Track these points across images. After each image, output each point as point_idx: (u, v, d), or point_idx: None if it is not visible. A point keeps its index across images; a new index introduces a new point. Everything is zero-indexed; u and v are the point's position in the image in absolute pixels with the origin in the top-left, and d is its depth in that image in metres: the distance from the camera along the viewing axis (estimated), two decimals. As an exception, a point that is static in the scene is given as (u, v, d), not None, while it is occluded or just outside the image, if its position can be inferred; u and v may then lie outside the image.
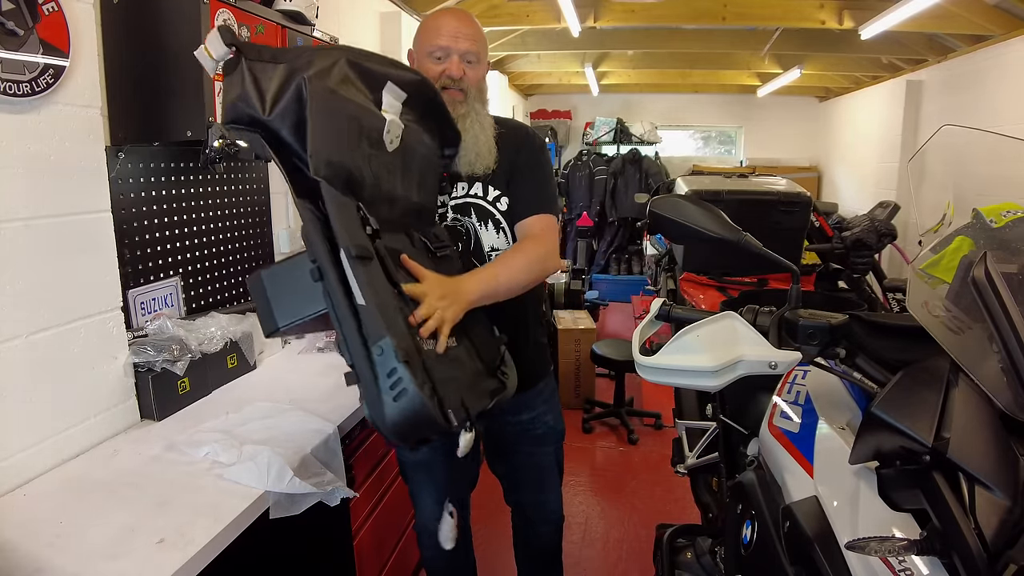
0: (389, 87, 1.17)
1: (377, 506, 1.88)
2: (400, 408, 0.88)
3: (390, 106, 1.16)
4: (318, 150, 0.98)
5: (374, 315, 0.90)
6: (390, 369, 0.88)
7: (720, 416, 1.62)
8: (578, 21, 4.05)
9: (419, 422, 0.90)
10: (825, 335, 0.97)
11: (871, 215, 3.43)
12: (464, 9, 1.63)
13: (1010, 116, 3.91)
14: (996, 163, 1.16)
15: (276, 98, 0.99)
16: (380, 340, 0.89)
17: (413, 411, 0.88)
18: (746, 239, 1.02)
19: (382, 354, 0.89)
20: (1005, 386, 0.77)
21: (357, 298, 0.91)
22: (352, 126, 1.06)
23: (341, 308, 0.91)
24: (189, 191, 1.88)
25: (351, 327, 0.91)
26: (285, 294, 1.01)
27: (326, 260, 0.93)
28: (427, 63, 1.43)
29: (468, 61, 1.42)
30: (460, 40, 1.41)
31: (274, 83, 1.00)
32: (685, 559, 1.60)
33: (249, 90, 0.99)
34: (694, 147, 8.30)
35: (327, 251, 0.93)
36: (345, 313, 0.91)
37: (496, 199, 1.47)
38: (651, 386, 3.34)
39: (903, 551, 0.70)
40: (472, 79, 1.43)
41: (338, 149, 1.02)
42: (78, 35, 1.37)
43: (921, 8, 3.31)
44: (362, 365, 0.91)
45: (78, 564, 1.04)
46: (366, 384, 0.91)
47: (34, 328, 1.33)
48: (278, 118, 0.99)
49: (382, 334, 0.89)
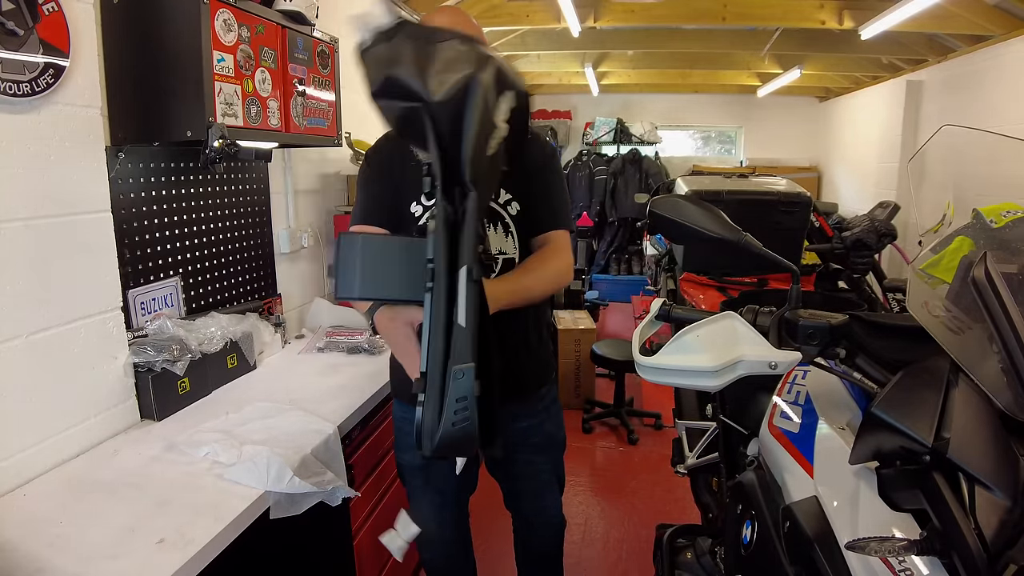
0: (510, 94, 1.08)
1: (377, 506, 1.88)
2: (454, 434, 0.89)
3: (504, 113, 1.08)
4: (472, 157, 0.94)
5: (468, 340, 0.89)
6: (461, 395, 0.89)
7: (720, 416, 1.62)
8: (578, 21, 4.05)
9: (461, 446, 0.92)
10: (825, 335, 0.97)
11: (871, 215, 3.43)
12: (458, 7, 1.62)
13: (1010, 116, 3.91)
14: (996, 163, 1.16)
15: (443, 83, 0.93)
16: (464, 364, 0.89)
17: (464, 440, 0.90)
18: (746, 239, 1.02)
19: (461, 378, 0.89)
20: (1005, 386, 0.77)
21: (459, 317, 0.90)
22: (485, 131, 1.00)
23: (438, 319, 0.91)
24: (189, 191, 1.88)
25: (439, 339, 0.91)
26: (377, 268, 1.00)
27: (443, 267, 0.92)
28: None
29: None
30: None
31: (441, 66, 0.94)
32: (685, 559, 1.59)
33: (409, 64, 0.93)
34: (694, 147, 8.30)
35: (446, 259, 0.92)
36: (439, 325, 0.91)
37: (507, 202, 1.46)
38: (651, 386, 3.35)
39: (903, 551, 0.70)
40: None
41: (478, 155, 0.96)
42: (78, 35, 1.37)
43: (921, 8, 3.31)
44: (435, 378, 0.91)
45: (78, 564, 1.04)
46: (432, 397, 0.91)
47: (34, 328, 1.33)
48: (440, 105, 0.93)
49: (468, 360, 0.89)
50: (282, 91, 1.85)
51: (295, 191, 2.43)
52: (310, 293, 2.58)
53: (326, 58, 2.07)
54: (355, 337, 2.20)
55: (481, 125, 0.96)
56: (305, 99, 1.96)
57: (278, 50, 1.83)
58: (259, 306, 2.17)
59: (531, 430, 1.57)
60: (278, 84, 1.83)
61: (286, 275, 2.39)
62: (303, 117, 1.96)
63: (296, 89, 1.90)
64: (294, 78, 1.89)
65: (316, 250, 2.60)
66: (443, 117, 0.94)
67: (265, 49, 1.76)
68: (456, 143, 0.94)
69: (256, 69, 1.72)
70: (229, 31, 1.61)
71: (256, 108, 1.73)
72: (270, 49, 1.79)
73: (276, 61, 1.82)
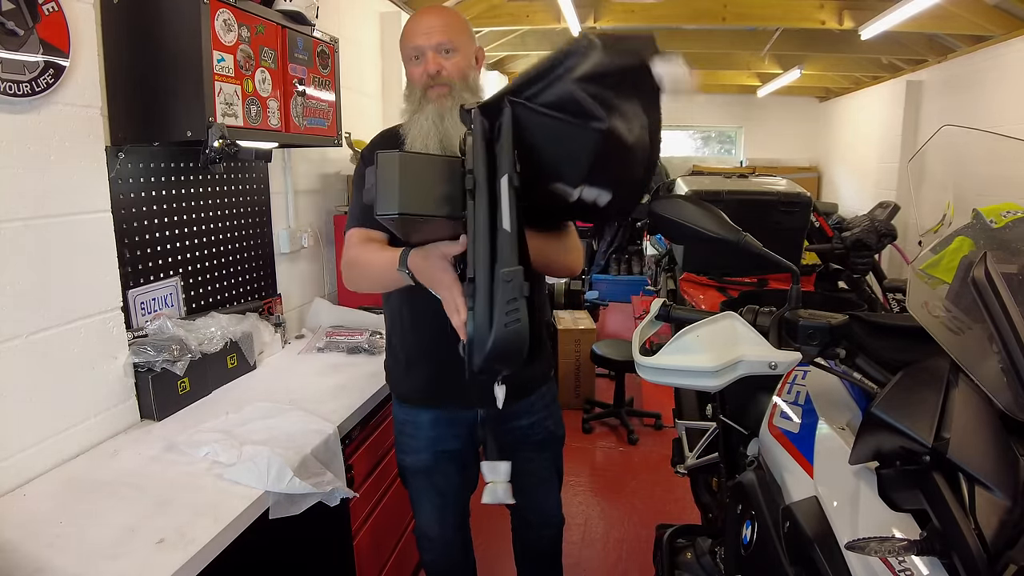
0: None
1: (377, 507, 1.88)
2: (506, 335, 0.91)
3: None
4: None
5: (512, 243, 0.93)
6: (511, 297, 0.91)
7: (720, 416, 1.62)
8: (578, 21, 4.05)
9: (512, 353, 0.94)
10: (825, 335, 0.97)
11: (871, 215, 3.43)
12: (439, 6, 1.61)
13: (1010, 116, 3.91)
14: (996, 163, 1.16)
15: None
16: (512, 267, 0.92)
17: (516, 341, 0.92)
18: (746, 239, 1.02)
19: (510, 281, 0.91)
20: (1005, 386, 0.77)
21: (503, 222, 0.93)
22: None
23: (481, 226, 0.94)
24: (189, 191, 1.88)
25: (484, 247, 0.94)
26: (417, 184, 1.02)
27: (483, 177, 0.95)
28: (410, 68, 1.41)
29: (445, 51, 1.38)
30: (432, 35, 1.37)
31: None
32: (685, 559, 1.60)
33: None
34: (694, 147, 8.30)
35: (486, 169, 0.95)
36: (484, 231, 0.94)
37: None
38: (651, 386, 3.34)
39: (903, 551, 0.70)
40: (452, 69, 1.38)
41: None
42: (78, 35, 1.37)
43: (921, 8, 3.31)
44: (483, 283, 0.93)
45: (78, 564, 1.04)
46: (480, 303, 0.93)
47: (34, 328, 1.33)
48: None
49: (515, 263, 0.92)
50: (282, 91, 1.85)
51: (295, 191, 2.43)
52: (310, 293, 2.58)
53: (326, 58, 2.07)
54: (355, 337, 2.20)
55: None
56: (305, 99, 1.96)
57: (278, 50, 1.83)
58: (259, 306, 2.17)
59: (532, 428, 1.57)
60: (278, 84, 1.83)
61: (286, 275, 2.39)
62: (303, 117, 1.96)
63: (296, 89, 1.90)
64: (294, 78, 1.89)
65: (316, 250, 2.60)
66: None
67: (265, 49, 1.76)
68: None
69: (256, 69, 1.72)
70: (229, 31, 1.61)
71: (256, 108, 1.73)
72: (270, 49, 1.79)
73: (276, 61, 1.82)
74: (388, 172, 1.03)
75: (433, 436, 1.53)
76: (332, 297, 2.68)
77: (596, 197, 1.12)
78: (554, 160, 1.05)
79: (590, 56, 0.98)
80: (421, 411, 1.54)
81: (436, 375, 1.48)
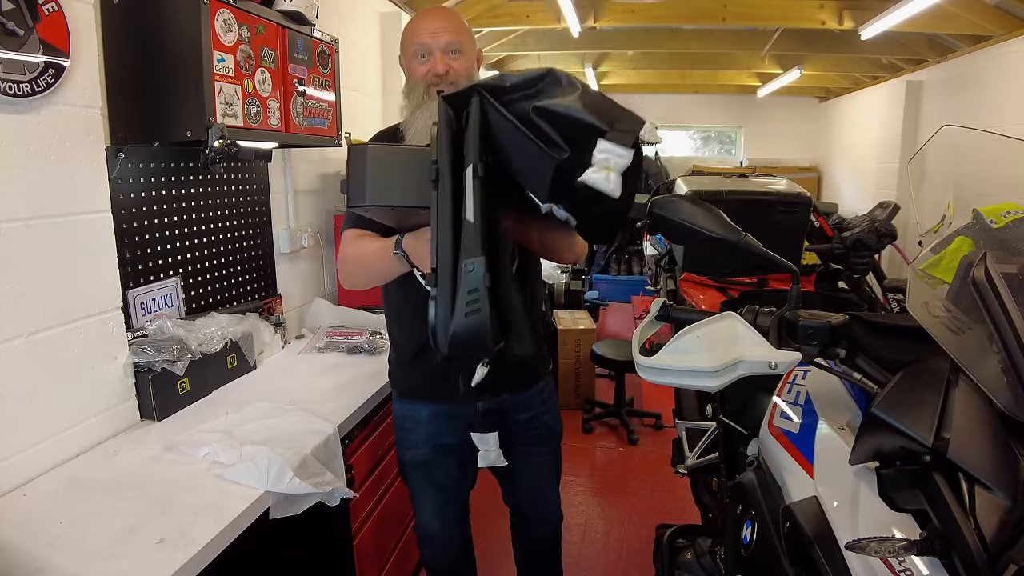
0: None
1: (377, 506, 1.88)
2: (467, 324, 0.93)
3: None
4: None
5: (476, 234, 0.93)
6: (472, 287, 0.92)
7: (720, 416, 1.62)
8: (578, 21, 4.05)
9: (475, 342, 0.95)
10: (825, 335, 0.97)
11: (871, 215, 3.43)
12: (444, 7, 1.63)
13: (1010, 116, 3.91)
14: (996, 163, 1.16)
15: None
16: (474, 258, 0.92)
17: (477, 329, 0.93)
18: (746, 239, 1.02)
19: (472, 271, 0.93)
20: (1005, 386, 0.77)
21: (467, 213, 0.94)
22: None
23: (445, 216, 0.95)
24: (189, 191, 1.88)
25: (447, 236, 0.94)
26: (386, 176, 1.04)
27: (447, 167, 0.96)
28: (414, 65, 1.43)
29: (452, 52, 1.42)
30: (440, 35, 1.41)
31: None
32: (685, 559, 1.60)
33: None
34: (694, 147, 8.30)
35: (451, 160, 0.95)
36: (446, 221, 0.95)
37: None
38: (651, 386, 3.34)
39: (903, 551, 0.70)
40: (460, 70, 1.42)
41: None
42: (78, 35, 1.37)
43: (921, 8, 3.31)
44: (445, 274, 0.95)
45: (78, 564, 1.04)
46: (442, 292, 0.94)
47: (34, 328, 1.33)
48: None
49: (477, 253, 0.92)
50: (282, 91, 1.85)
51: (295, 191, 2.43)
52: (310, 293, 2.58)
53: (326, 58, 2.07)
54: (355, 337, 2.20)
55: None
56: (305, 99, 1.96)
57: (278, 50, 1.83)
58: (259, 306, 2.17)
59: (531, 422, 1.58)
60: (278, 84, 1.83)
61: (286, 275, 2.39)
62: (303, 117, 1.96)
63: (296, 89, 1.90)
64: (294, 78, 1.89)
65: (316, 250, 2.60)
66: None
67: (265, 49, 1.76)
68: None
69: (256, 69, 1.72)
70: (229, 31, 1.61)
71: (256, 108, 1.73)
72: (270, 49, 1.79)
73: (276, 61, 1.82)
74: (358, 165, 1.04)
75: (432, 430, 1.54)
76: (332, 297, 2.68)
77: (566, 219, 1.13)
78: (522, 169, 1.05)
79: (564, 95, 0.98)
80: (420, 406, 1.54)
81: (433, 370, 1.48)
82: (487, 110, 1.00)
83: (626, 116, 1.02)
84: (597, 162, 0.97)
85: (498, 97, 1.00)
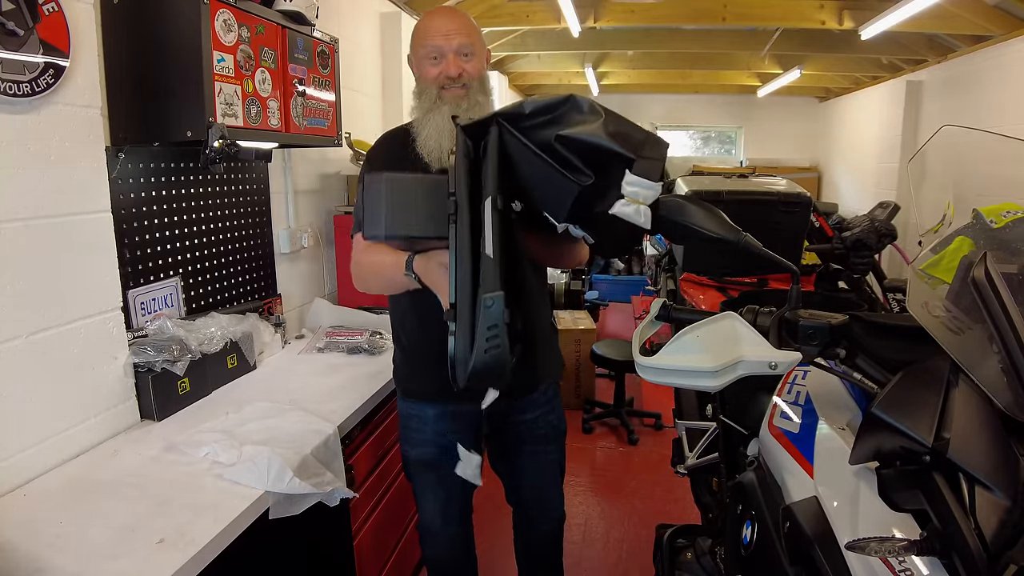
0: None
1: (377, 506, 1.88)
2: (487, 360, 0.92)
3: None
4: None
5: (495, 268, 0.91)
6: (492, 323, 0.91)
7: (720, 416, 1.62)
8: (578, 21, 4.05)
9: (494, 375, 0.94)
10: (825, 335, 0.97)
11: (871, 215, 3.43)
12: (453, 7, 1.64)
13: (1011, 116, 3.91)
14: (996, 163, 1.16)
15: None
16: (493, 293, 0.91)
17: (497, 366, 0.92)
18: (746, 239, 1.02)
19: (491, 307, 0.91)
20: (1005, 386, 0.77)
21: (486, 247, 0.92)
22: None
23: (464, 250, 0.93)
24: (189, 191, 1.88)
25: (466, 270, 0.93)
26: (403, 207, 1.02)
27: (465, 200, 0.94)
28: (425, 66, 1.44)
29: (464, 54, 1.43)
30: (452, 37, 1.41)
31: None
32: (685, 559, 1.60)
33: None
34: (694, 147, 8.30)
35: (468, 192, 0.94)
36: (466, 255, 0.93)
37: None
38: (651, 386, 3.34)
39: (903, 551, 0.70)
40: (472, 72, 1.44)
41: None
42: (78, 35, 1.37)
43: (921, 8, 3.31)
44: (464, 308, 0.93)
45: (78, 564, 1.04)
46: (461, 327, 0.93)
47: (34, 328, 1.33)
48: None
49: (496, 288, 0.91)
50: (282, 91, 1.85)
51: (295, 191, 2.43)
52: (310, 293, 2.58)
53: (326, 58, 2.07)
54: (355, 337, 2.20)
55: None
56: (305, 99, 1.96)
57: (278, 50, 1.83)
58: (259, 306, 2.17)
59: (536, 422, 1.59)
60: (278, 84, 1.83)
61: (286, 275, 2.39)
62: (303, 117, 1.96)
63: (296, 89, 1.90)
64: (294, 78, 1.89)
65: (316, 250, 2.60)
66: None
67: (265, 49, 1.76)
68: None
69: (256, 69, 1.72)
70: (229, 31, 1.61)
71: (256, 108, 1.73)
72: (270, 49, 1.79)
73: (276, 61, 1.82)
74: (374, 195, 1.02)
75: (438, 430, 1.54)
76: (332, 297, 2.68)
77: (583, 236, 1.12)
78: (540, 193, 1.04)
79: (587, 122, 0.95)
80: (427, 406, 1.55)
81: (442, 372, 1.48)
82: (505, 138, 0.98)
83: (650, 140, 1.00)
84: (627, 195, 0.95)
85: (517, 124, 0.98)
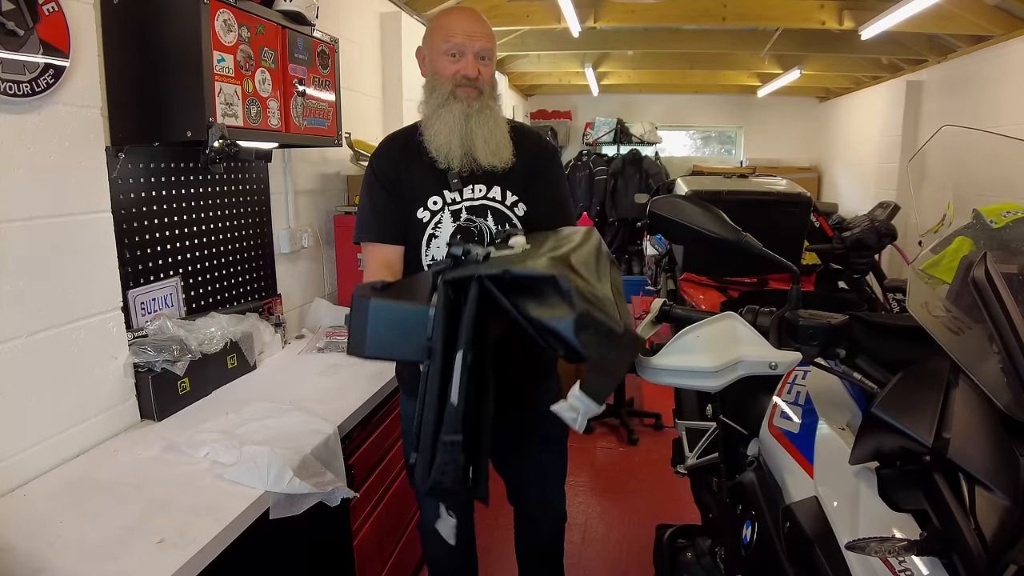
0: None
1: (377, 506, 1.88)
2: (439, 482, 0.96)
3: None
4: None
5: (457, 416, 0.96)
6: (448, 461, 0.95)
7: (720, 416, 1.62)
8: (578, 21, 4.04)
9: (447, 495, 0.99)
10: (825, 335, 0.97)
11: (871, 215, 3.43)
12: (474, 9, 1.65)
13: (1010, 116, 3.91)
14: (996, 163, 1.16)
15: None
16: (452, 437, 0.95)
17: (450, 489, 0.97)
18: (746, 239, 1.02)
19: (451, 447, 0.95)
20: (1005, 386, 0.77)
21: (452, 395, 0.95)
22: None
23: (432, 391, 0.97)
24: (189, 191, 1.88)
25: (432, 412, 0.97)
26: (386, 330, 1.05)
27: (440, 347, 0.97)
28: (443, 61, 1.44)
29: (483, 58, 1.45)
30: (476, 39, 1.43)
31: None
32: (685, 559, 1.60)
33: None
34: (694, 147, 8.30)
35: (443, 340, 0.97)
36: (433, 397, 0.97)
37: (515, 204, 1.50)
38: (651, 386, 3.34)
39: (903, 551, 0.70)
40: (486, 76, 1.46)
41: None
42: (78, 35, 1.37)
43: (921, 8, 3.30)
44: (427, 440, 0.97)
45: (78, 564, 1.04)
46: (423, 455, 0.98)
47: (34, 328, 1.33)
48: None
49: (456, 433, 0.95)
50: (282, 91, 1.85)
51: (295, 191, 2.43)
52: (310, 293, 2.58)
53: (326, 58, 2.07)
54: (355, 337, 2.20)
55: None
56: (305, 99, 1.96)
57: (278, 50, 1.83)
58: (259, 306, 2.17)
59: (539, 423, 1.59)
60: (278, 84, 1.83)
61: (286, 275, 2.39)
62: (303, 117, 1.96)
63: (296, 89, 1.91)
64: (294, 78, 1.89)
65: (316, 250, 2.60)
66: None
67: (265, 49, 1.76)
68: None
69: (256, 69, 1.72)
70: (229, 31, 1.61)
71: (256, 108, 1.73)
72: (270, 49, 1.79)
73: (276, 61, 1.82)
74: (359, 316, 1.06)
75: None
76: (332, 297, 2.68)
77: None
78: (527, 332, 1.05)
79: (555, 308, 0.93)
80: None
81: None
82: (486, 293, 1.00)
83: (620, 343, 0.97)
84: (571, 403, 0.98)
85: (498, 285, 1.00)
